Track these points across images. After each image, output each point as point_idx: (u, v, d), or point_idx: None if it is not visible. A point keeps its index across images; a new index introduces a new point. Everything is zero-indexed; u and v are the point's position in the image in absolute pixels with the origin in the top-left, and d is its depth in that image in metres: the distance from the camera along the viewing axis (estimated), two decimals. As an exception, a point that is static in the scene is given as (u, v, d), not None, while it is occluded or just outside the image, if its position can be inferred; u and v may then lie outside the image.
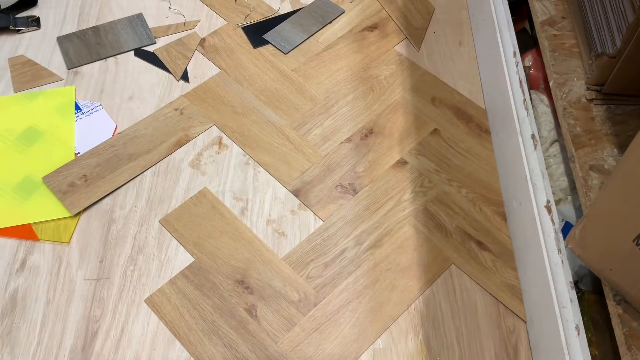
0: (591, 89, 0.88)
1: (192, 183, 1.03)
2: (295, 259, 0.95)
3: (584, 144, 0.83)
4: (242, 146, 1.08)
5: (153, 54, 1.21)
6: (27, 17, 1.27)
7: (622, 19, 0.82)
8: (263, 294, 0.92)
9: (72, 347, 0.87)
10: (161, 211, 1.00)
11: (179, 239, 0.97)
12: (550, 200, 0.86)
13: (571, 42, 0.95)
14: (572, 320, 0.77)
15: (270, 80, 1.17)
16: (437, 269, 0.94)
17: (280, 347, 0.87)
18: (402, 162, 1.06)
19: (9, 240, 0.97)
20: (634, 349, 0.67)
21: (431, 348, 0.87)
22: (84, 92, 1.16)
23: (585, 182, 0.79)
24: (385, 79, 1.17)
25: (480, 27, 1.20)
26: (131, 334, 0.88)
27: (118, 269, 0.94)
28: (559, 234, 0.83)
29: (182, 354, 0.87)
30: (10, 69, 1.19)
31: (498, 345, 0.87)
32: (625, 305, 0.70)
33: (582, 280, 0.87)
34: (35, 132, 1.09)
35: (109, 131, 1.10)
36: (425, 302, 0.91)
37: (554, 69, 0.91)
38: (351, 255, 0.95)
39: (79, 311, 0.90)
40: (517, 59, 1.01)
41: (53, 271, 0.94)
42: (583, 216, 0.73)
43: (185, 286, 0.92)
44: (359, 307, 0.90)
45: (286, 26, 1.25)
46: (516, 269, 0.93)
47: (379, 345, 0.87)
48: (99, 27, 1.26)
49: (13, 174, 1.04)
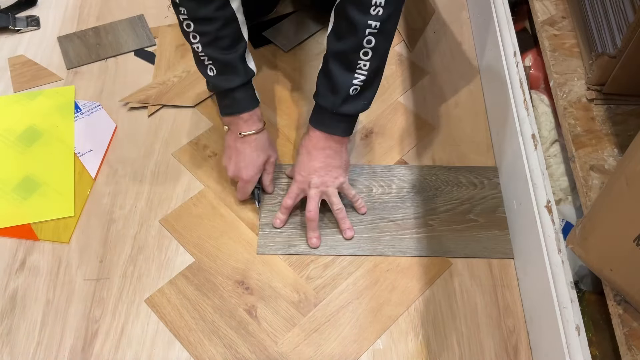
0: (591, 89, 0.88)
1: (192, 183, 1.03)
2: (295, 259, 0.95)
3: (584, 144, 0.83)
4: (242, 146, 1.08)
5: (153, 54, 1.21)
6: (27, 17, 1.27)
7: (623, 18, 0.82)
8: (263, 295, 0.91)
9: (72, 347, 0.87)
10: (161, 211, 1.00)
11: (179, 239, 0.97)
12: (551, 200, 0.86)
13: (571, 42, 0.94)
14: (572, 321, 0.76)
15: (270, 80, 1.17)
16: (437, 269, 0.94)
17: (280, 347, 0.87)
18: (402, 162, 1.06)
19: (8, 240, 0.97)
20: (634, 349, 0.67)
21: (431, 348, 0.87)
22: (83, 92, 1.16)
23: (586, 182, 0.79)
24: (385, 79, 1.17)
25: (480, 27, 1.20)
26: (131, 334, 0.88)
27: (118, 269, 0.94)
28: (559, 234, 0.83)
29: (182, 354, 0.86)
30: (10, 69, 1.19)
31: (498, 345, 0.87)
32: (625, 306, 0.70)
33: (583, 280, 0.87)
34: (35, 132, 1.09)
35: (108, 131, 1.10)
36: (425, 303, 0.91)
37: (554, 69, 0.91)
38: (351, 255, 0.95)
39: (79, 311, 0.90)
40: (517, 59, 1.01)
41: (53, 271, 0.94)
42: (583, 216, 0.73)
43: (185, 287, 0.92)
44: (359, 308, 0.90)
45: (287, 25, 1.25)
46: (516, 268, 0.93)
47: (379, 346, 0.87)
48: (99, 28, 1.26)
49: (13, 174, 1.04)
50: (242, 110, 0.92)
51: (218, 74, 0.89)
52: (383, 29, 0.80)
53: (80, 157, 1.06)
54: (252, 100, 0.94)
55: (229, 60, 0.88)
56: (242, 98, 0.92)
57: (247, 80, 0.92)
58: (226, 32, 0.87)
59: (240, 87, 0.91)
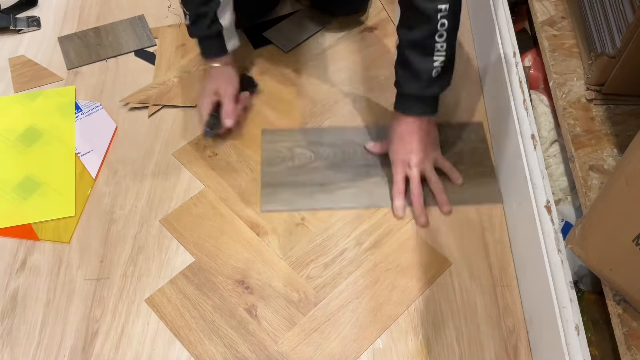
0: (591, 89, 0.88)
1: (192, 183, 1.04)
2: (295, 259, 0.95)
3: (584, 144, 0.83)
4: (242, 146, 1.08)
5: (153, 55, 1.21)
6: (28, 17, 1.27)
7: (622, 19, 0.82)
8: (263, 294, 0.92)
9: (72, 347, 0.87)
10: (161, 211, 1.00)
11: (179, 239, 0.97)
12: (550, 200, 0.86)
13: (571, 42, 0.95)
14: (571, 320, 0.77)
15: (270, 80, 1.17)
16: (437, 269, 0.94)
17: (280, 347, 0.87)
18: (402, 162, 1.06)
19: (9, 240, 0.97)
20: (633, 349, 0.67)
21: (431, 348, 0.87)
22: (84, 92, 1.16)
23: (585, 182, 0.79)
24: (385, 79, 1.17)
25: (480, 27, 1.20)
26: (131, 334, 0.88)
27: (118, 269, 0.94)
28: (558, 234, 0.84)
29: (182, 353, 0.87)
30: (11, 69, 1.19)
31: (498, 345, 0.87)
32: (625, 305, 0.70)
33: (582, 280, 0.87)
34: (36, 132, 1.09)
35: (109, 131, 1.10)
36: (425, 302, 0.91)
37: (554, 69, 0.91)
38: (351, 255, 0.95)
39: (79, 311, 0.90)
40: (517, 59, 1.01)
41: (53, 271, 0.94)
42: (583, 216, 0.73)
43: (186, 286, 0.92)
44: (359, 307, 0.90)
45: (287, 25, 1.25)
46: (516, 268, 0.93)
47: (379, 345, 0.87)
48: (99, 28, 1.26)
49: (13, 174, 1.04)
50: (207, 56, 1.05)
51: (191, 24, 1.01)
52: (453, 7, 0.84)
53: (80, 157, 1.06)
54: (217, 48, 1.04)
55: (200, 12, 0.98)
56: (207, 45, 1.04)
57: (216, 33, 1.01)
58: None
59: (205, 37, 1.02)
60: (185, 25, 1.03)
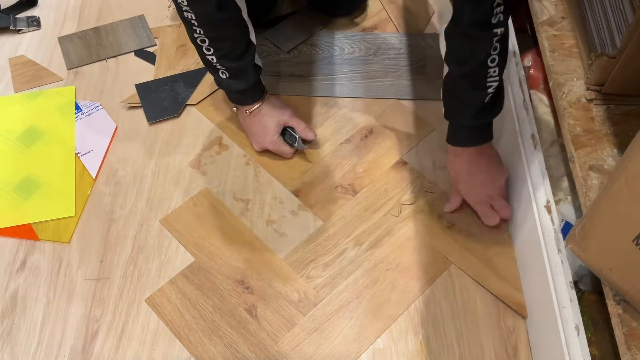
0: (591, 89, 0.88)
1: (192, 183, 1.04)
2: (295, 259, 0.95)
3: (584, 144, 0.83)
4: (242, 147, 1.08)
5: (153, 55, 1.21)
6: (28, 17, 1.28)
7: (622, 19, 0.82)
8: (263, 294, 0.92)
9: (72, 347, 0.87)
10: (161, 211, 1.00)
11: (179, 239, 0.97)
12: (550, 200, 0.87)
13: (571, 42, 0.95)
14: (571, 320, 0.77)
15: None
16: (437, 269, 0.94)
17: (280, 347, 0.87)
18: (402, 163, 1.06)
19: (9, 240, 0.97)
20: (633, 349, 0.67)
21: (431, 348, 0.87)
22: (84, 92, 1.16)
23: (585, 182, 0.79)
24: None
25: (480, 28, 1.20)
26: (131, 333, 0.88)
27: (118, 269, 0.94)
28: (558, 234, 0.84)
29: (182, 353, 0.87)
30: (11, 69, 1.19)
31: (498, 345, 0.87)
32: (625, 305, 0.70)
33: (582, 280, 0.87)
34: (36, 132, 1.09)
35: (109, 131, 1.10)
36: (425, 302, 0.91)
37: (554, 69, 0.91)
38: (351, 255, 0.95)
39: (79, 311, 0.90)
40: (517, 59, 1.01)
41: (53, 271, 0.94)
42: (583, 216, 0.73)
43: (186, 286, 0.92)
44: (359, 307, 0.90)
45: (287, 25, 1.25)
46: (516, 269, 0.93)
47: (379, 345, 0.87)
48: (99, 28, 1.26)
49: (13, 174, 1.04)
50: (252, 102, 1.01)
51: (230, 78, 0.95)
52: (505, 30, 0.79)
53: (80, 157, 1.06)
54: (259, 91, 1.01)
55: (242, 66, 0.94)
56: (251, 93, 1.00)
57: (257, 79, 0.98)
58: (240, 44, 0.92)
59: (251, 87, 0.98)
60: (218, 80, 0.97)
